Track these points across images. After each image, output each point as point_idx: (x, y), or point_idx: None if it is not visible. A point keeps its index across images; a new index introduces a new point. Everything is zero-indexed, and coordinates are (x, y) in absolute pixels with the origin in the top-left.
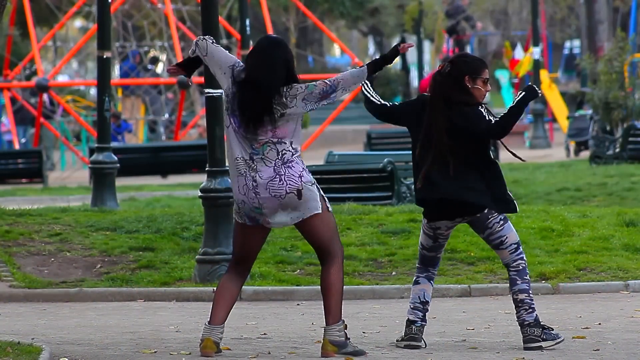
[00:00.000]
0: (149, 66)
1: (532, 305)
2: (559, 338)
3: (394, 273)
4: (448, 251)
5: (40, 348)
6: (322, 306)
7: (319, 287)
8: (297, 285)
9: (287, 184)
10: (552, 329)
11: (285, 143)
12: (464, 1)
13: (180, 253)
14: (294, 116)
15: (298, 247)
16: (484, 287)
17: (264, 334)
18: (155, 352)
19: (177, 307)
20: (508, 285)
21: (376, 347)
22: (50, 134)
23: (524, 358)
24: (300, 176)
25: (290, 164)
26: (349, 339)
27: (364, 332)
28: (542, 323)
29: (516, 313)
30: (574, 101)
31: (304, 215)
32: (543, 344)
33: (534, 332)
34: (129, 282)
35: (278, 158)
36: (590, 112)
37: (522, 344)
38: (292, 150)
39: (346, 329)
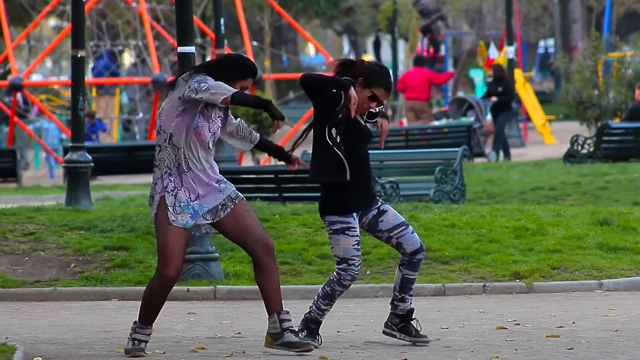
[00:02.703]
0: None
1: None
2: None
3: (368, 272)
4: None
5: (14, 347)
6: (296, 305)
7: (292, 286)
8: None
9: None
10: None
11: None
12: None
13: (155, 252)
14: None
15: None
16: (458, 286)
17: (239, 333)
18: None
19: None
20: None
21: (351, 346)
22: (24, 133)
23: (498, 357)
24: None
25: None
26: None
27: (338, 331)
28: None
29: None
30: (460, 109)
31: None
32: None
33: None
34: (103, 281)
35: None
36: (472, 119)
37: (494, 342)
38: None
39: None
